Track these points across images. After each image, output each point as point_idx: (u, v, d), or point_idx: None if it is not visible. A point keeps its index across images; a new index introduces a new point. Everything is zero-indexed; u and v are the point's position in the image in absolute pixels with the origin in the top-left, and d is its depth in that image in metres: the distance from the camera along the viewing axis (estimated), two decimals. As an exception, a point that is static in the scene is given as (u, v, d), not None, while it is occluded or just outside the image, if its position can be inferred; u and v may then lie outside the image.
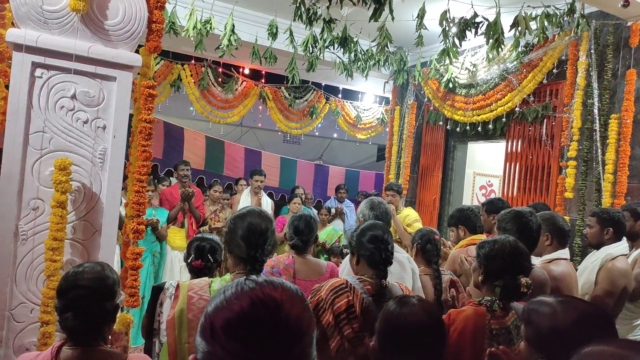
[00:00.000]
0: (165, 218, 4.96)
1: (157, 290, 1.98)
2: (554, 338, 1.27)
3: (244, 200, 5.77)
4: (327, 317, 1.92)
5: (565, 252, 2.75)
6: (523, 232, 2.40)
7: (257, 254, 1.77)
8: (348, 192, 7.38)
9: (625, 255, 2.98)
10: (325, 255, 5.32)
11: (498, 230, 2.52)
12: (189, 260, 2.44)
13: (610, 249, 2.94)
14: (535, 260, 2.49)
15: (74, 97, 2.36)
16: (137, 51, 2.53)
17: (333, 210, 6.39)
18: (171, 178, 5.97)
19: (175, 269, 5.02)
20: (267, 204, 5.79)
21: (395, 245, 2.86)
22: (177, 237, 5.14)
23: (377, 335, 1.51)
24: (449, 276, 2.82)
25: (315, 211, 6.24)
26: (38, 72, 2.30)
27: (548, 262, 2.66)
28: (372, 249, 2.05)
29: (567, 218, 4.24)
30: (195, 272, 2.43)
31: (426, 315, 1.49)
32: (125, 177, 2.63)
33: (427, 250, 2.93)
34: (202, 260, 2.40)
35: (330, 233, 5.55)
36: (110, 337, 1.54)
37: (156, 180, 5.41)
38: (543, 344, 1.30)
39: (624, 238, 3.02)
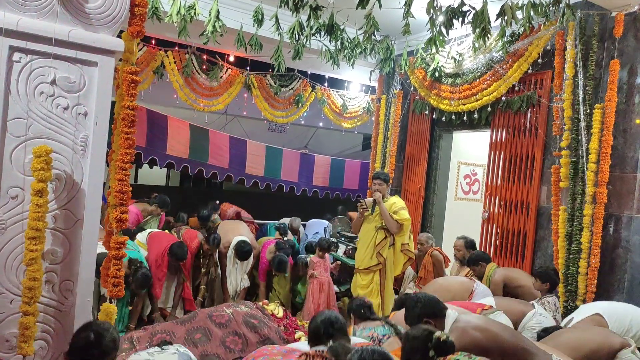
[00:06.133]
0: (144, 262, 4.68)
1: None
2: None
3: (231, 267, 5.52)
4: None
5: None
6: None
7: None
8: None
9: None
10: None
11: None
12: None
13: None
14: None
15: (53, 82, 2.29)
16: (119, 36, 2.47)
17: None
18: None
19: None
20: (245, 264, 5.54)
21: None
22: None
23: None
24: None
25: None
26: (16, 56, 2.23)
27: None
28: None
29: (562, 208, 4.27)
30: None
31: None
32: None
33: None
34: None
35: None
36: None
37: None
38: None
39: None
